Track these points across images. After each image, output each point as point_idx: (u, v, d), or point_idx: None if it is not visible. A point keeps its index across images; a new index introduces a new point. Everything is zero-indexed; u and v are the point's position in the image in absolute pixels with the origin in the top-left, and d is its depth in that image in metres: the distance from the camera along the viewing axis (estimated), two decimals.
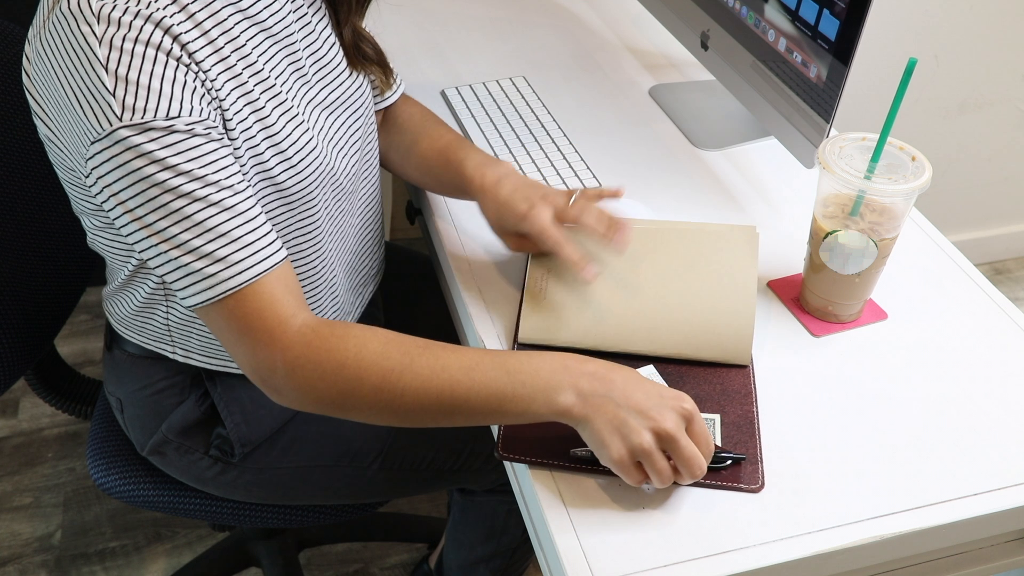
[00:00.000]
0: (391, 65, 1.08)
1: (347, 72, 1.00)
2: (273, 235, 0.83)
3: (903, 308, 1.00)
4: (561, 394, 0.78)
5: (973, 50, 2.01)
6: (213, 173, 0.79)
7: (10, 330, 1.10)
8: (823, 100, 1.02)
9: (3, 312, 1.08)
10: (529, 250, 1.00)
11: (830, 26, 1.00)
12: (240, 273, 0.79)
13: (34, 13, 0.85)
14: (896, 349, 0.95)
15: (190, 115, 0.78)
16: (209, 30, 0.83)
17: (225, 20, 0.85)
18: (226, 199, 0.79)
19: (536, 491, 0.81)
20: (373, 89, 1.08)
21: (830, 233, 0.92)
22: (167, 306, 0.98)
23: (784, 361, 0.94)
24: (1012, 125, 2.17)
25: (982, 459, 0.84)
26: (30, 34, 0.83)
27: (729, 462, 0.81)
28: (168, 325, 1.00)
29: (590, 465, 0.81)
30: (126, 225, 0.80)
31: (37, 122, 0.85)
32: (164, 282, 0.85)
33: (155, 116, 0.76)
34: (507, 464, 0.88)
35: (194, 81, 0.80)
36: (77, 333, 2.07)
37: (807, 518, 0.78)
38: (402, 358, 0.79)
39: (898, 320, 0.99)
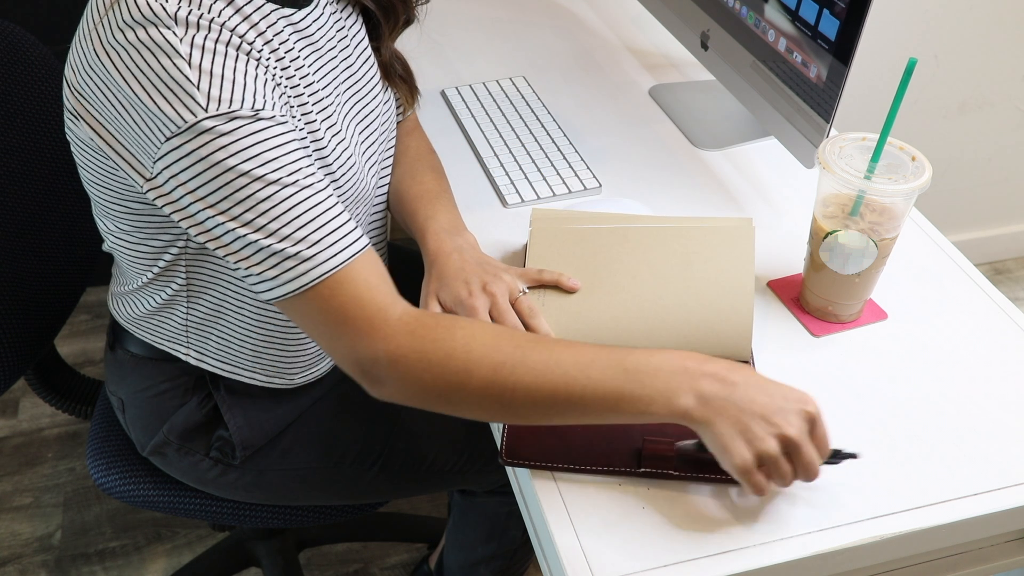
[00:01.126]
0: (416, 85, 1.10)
1: (380, 87, 1.02)
2: (354, 222, 0.81)
3: (903, 308, 1.00)
4: (681, 397, 0.75)
5: (973, 50, 2.01)
6: (296, 160, 0.78)
7: (10, 330, 1.10)
8: (823, 100, 1.02)
9: (3, 312, 1.08)
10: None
11: (830, 26, 1.00)
12: (334, 256, 0.77)
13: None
14: (896, 349, 0.95)
15: (273, 108, 0.78)
16: (271, 39, 0.84)
17: (281, 32, 0.86)
18: (314, 183, 0.78)
19: (536, 492, 0.81)
20: (399, 106, 1.10)
21: (830, 233, 0.92)
22: (187, 308, 0.98)
23: (784, 361, 0.93)
24: (1012, 125, 2.17)
25: (982, 459, 0.84)
26: (78, 38, 0.82)
27: (842, 460, 0.80)
28: (186, 327, 1.00)
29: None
30: (202, 223, 0.78)
31: (78, 126, 0.83)
32: (242, 279, 0.83)
33: (241, 106, 0.75)
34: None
35: (272, 80, 0.80)
36: (77, 333, 2.07)
37: (806, 518, 0.78)
38: (514, 351, 0.77)
39: (898, 320, 0.99)
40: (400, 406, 0.82)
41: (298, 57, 0.87)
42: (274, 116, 0.77)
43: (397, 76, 1.05)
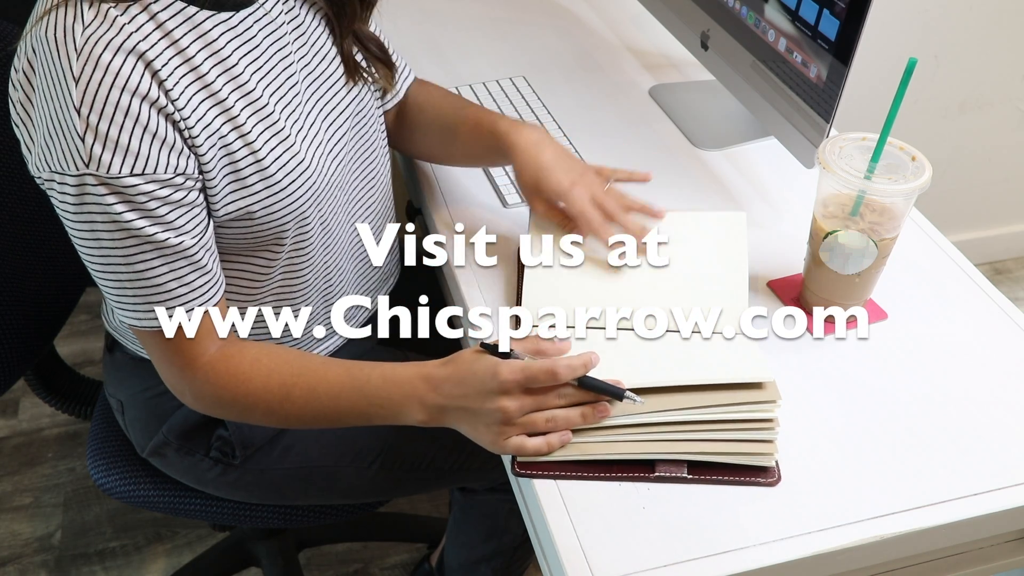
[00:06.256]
0: (395, 62, 1.08)
1: (343, 82, 1.00)
2: (207, 281, 0.87)
3: (903, 308, 1.00)
4: (412, 414, 0.85)
5: (973, 50, 2.01)
6: (162, 232, 0.82)
7: (10, 330, 1.10)
8: (823, 100, 1.02)
9: (3, 312, 1.08)
10: (553, 220, 1.01)
11: (830, 26, 1.00)
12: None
13: (27, 11, 0.85)
14: (896, 349, 0.95)
15: (155, 172, 0.79)
16: (193, 56, 0.83)
17: (215, 40, 0.85)
18: (167, 254, 0.83)
19: (536, 490, 0.81)
20: (379, 91, 1.07)
21: (830, 233, 0.92)
22: None
23: (784, 361, 0.93)
24: (1012, 125, 2.17)
25: (982, 459, 0.84)
26: (20, 42, 0.83)
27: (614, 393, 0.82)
28: None
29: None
30: (74, 240, 0.83)
31: (15, 130, 0.85)
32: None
33: (120, 172, 0.78)
34: (507, 464, 0.88)
35: (167, 130, 0.80)
36: (77, 333, 2.07)
37: (807, 518, 0.78)
38: (280, 390, 0.89)
39: (898, 320, 0.99)
40: None
41: (235, 65, 0.86)
42: (153, 190, 0.80)
43: (374, 59, 1.04)
